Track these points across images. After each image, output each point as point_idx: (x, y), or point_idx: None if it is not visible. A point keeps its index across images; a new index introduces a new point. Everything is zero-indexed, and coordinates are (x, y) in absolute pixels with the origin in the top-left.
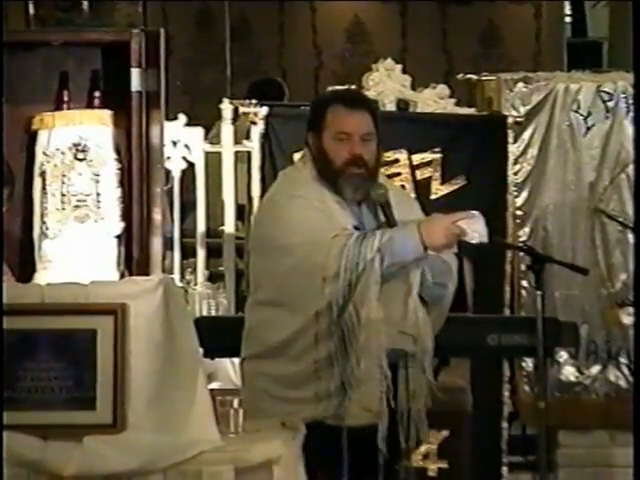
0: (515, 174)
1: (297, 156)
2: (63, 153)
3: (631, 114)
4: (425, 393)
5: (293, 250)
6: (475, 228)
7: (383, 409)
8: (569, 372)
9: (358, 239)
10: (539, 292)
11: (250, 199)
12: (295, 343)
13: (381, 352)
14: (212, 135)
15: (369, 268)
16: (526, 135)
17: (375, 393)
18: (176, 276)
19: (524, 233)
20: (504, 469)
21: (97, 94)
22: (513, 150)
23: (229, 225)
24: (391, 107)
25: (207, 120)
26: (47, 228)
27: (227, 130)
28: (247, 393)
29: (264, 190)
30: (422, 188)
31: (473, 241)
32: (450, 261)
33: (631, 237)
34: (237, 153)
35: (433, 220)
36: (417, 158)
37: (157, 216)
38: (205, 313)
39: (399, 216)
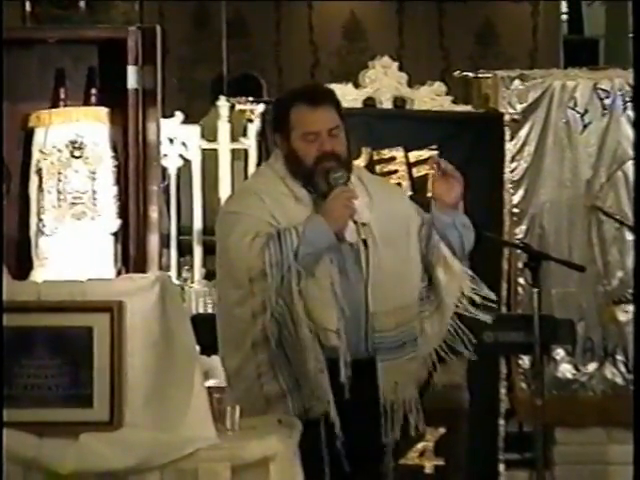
0: (512, 172)
1: None
2: (60, 150)
3: (628, 111)
4: (413, 384)
5: (220, 265)
6: (363, 209)
7: (330, 398)
8: (566, 369)
9: (275, 236)
10: (536, 289)
11: None
12: (237, 351)
13: (315, 344)
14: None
15: (294, 264)
16: (523, 133)
17: (321, 384)
18: (173, 273)
19: (521, 231)
20: (501, 466)
21: (93, 91)
22: (510, 148)
23: None
24: (388, 104)
25: (203, 117)
26: (44, 225)
27: (224, 127)
28: None
29: None
30: (419, 186)
31: (362, 220)
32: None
33: (628, 234)
34: (234, 150)
35: (330, 198)
36: (414, 156)
37: (154, 213)
38: (202, 310)
39: (380, 206)
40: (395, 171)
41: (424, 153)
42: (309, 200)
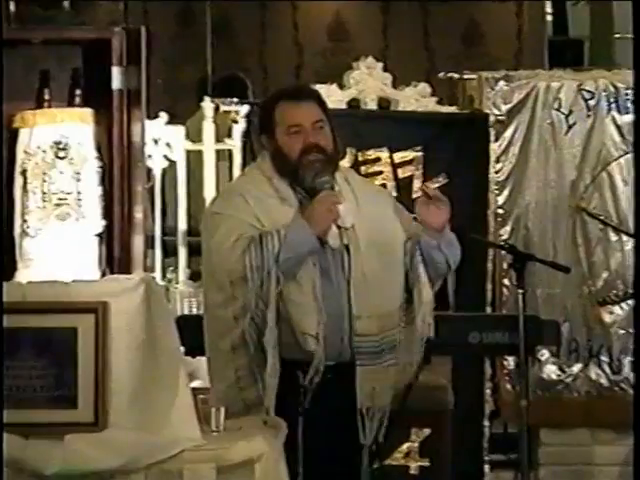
0: (496, 172)
1: None
2: (44, 151)
3: (612, 112)
4: (389, 393)
5: (205, 265)
6: (346, 214)
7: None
8: (550, 370)
9: (257, 240)
10: (520, 290)
11: None
12: (217, 353)
13: (276, 352)
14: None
15: (274, 268)
16: (507, 133)
17: (267, 391)
18: (157, 274)
19: (505, 231)
20: (486, 467)
21: (78, 92)
22: (494, 148)
23: None
24: (372, 105)
25: (188, 118)
26: (28, 226)
27: (208, 128)
28: None
29: None
30: (404, 187)
31: (345, 225)
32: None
33: (612, 235)
34: (218, 151)
35: (314, 202)
36: (398, 156)
37: (138, 214)
38: (186, 312)
39: (366, 209)
40: (380, 172)
41: (409, 154)
42: (295, 201)
